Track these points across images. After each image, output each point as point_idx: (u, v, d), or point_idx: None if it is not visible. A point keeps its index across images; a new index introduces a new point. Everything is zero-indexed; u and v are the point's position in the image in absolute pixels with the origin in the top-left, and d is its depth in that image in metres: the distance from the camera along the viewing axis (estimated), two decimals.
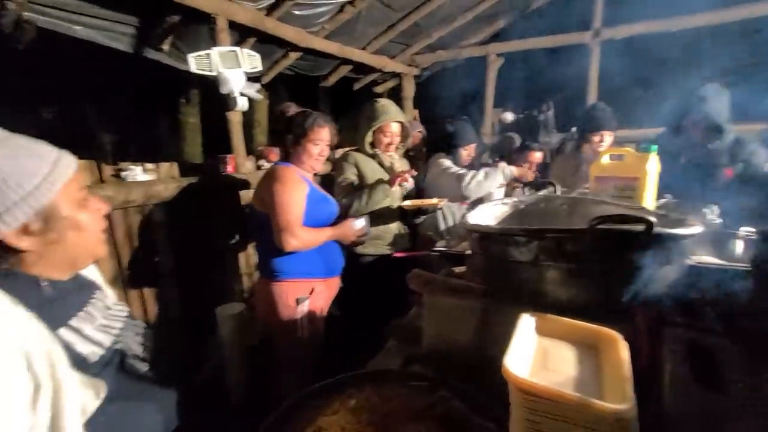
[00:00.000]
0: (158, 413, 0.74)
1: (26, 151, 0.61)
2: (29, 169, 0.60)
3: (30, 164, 0.60)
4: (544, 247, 0.70)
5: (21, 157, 0.60)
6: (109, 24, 2.05)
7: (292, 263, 1.61)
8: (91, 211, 0.71)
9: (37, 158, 0.62)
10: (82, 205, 0.69)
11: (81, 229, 0.68)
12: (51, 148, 0.66)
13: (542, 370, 0.58)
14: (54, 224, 0.64)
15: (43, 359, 0.56)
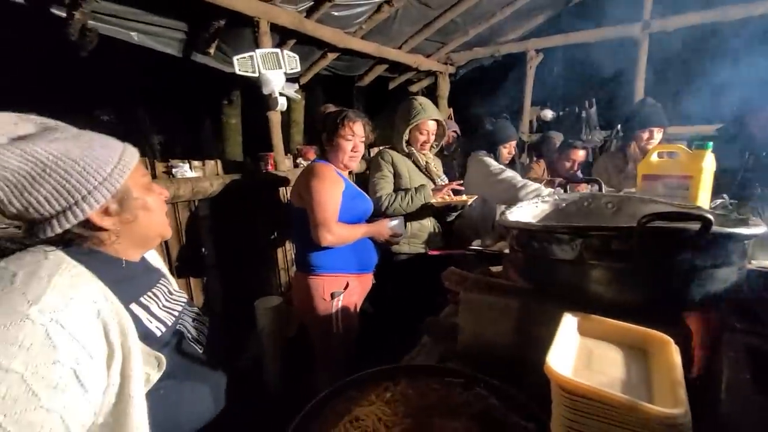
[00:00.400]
0: (210, 393, 0.79)
1: (98, 142, 0.68)
2: (104, 157, 0.66)
3: (104, 153, 0.67)
4: (590, 245, 0.68)
5: (96, 147, 0.66)
6: (162, 30, 2.18)
7: (328, 258, 1.65)
8: (156, 194, 0.78)
9: (108, 148, 0.68)
10: (148, 189, 0.76)
11: (149, 210, 0.74)
12: (116, 140, 0.73)
13: (586, 371, 0.56)
14: (128, 205, 0.71)
15: (117, 329, 0.63)
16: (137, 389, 0.63)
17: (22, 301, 0.54)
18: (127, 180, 0.70)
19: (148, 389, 0.66)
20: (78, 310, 0.59)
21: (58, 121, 0.68)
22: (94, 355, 0.59)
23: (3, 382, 0.49)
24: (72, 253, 0.66)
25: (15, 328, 0.52)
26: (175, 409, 0.71)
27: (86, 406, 0.58)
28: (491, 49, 3.97)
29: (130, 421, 0.62)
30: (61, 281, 0.59)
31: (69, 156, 0.63)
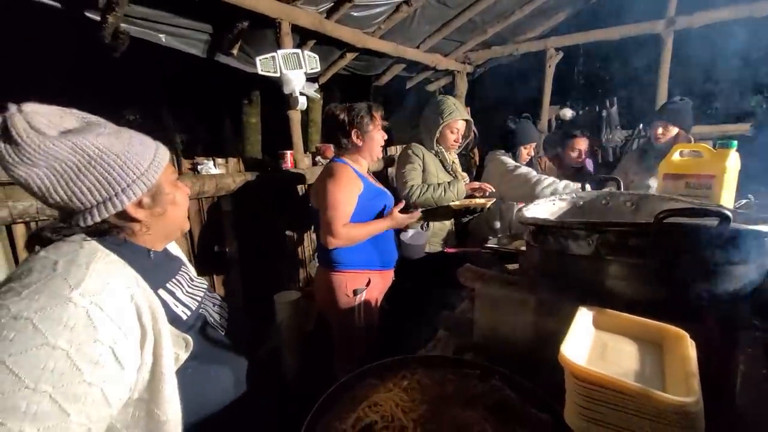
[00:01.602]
0: (232, 376, 0.83)
1: (137, 140, 0.72)
2: (142, 154, 0.71)
3: (141, 150, 0.71)
4: (606, 241, 0.69)
5: (135, 144, 0.71)
6: (188, 32, 2.26)
7: (350, 255, 1.68)
8: (182, 191, 0.82)
9: (144, 146, 0.73)
10: (176, 186, 0.80)
11: (177, 204, 0.79)
12: (150, 139, 0.77)
13: (600, 361, 0.57)
14: (159, 199, 0.75)
15: (148, 312, 0.67)
16: (168, 367, 0.68)
17: (65, 285, 0.59)
18: (160, 176, 0.74)
19: (177, 368, 0.70)
20: (114, 294, 0.63)
21: (99, 117, 0.73)
22: (129, 336, 0.63)
23: (51, 357, 0.54)
24: (104, 242, 0.70)
25: (60, 310, 0.56)
26: (202, 387, 0.76)
27: (123, 381, 0.63)
28: (510, 47, 3.94)
29: (162, 396, 0.66)
30: (98, 268, 0.64)
31: (112, 150, 0.67)
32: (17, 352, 0.52)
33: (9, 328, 0.53)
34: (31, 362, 0.53)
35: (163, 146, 0.78)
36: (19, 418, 0.51)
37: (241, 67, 2.60)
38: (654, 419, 0.47)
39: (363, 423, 0.65)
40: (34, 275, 0.59)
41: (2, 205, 1.19)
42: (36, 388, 0.53)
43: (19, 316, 0.54)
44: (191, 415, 0.72)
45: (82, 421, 0.56)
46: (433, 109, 2.14)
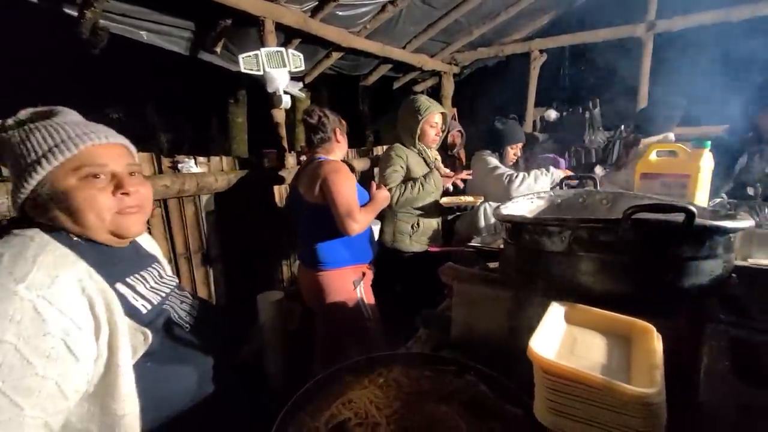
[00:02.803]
0: (195, 374, 0.80)
1: (55, 128, 0.70)
2: (40, 142, 0.68)
3: (44, 138, 0.69)
4: (578, 238, 0.70)
5: (36, 136, 0.69)
6: (169, 29, 2.22)
7: (344, 251, 1.72)
8: (94, 190, 0.72)
9: (46, 137, 0.69)
10: (80, 186, 0.71)
11: (71, 209, 0.70)
12: (74, 129, 0.71)
13: (569, 355, 0.58)
14: (47, 200, 0.70)
15: (102, 305, 0.66)
16: (125, 360, 0.66)
17: (9, 279, 0.58)
18: (50, 174, 0.68)
19: (136, 361, 0.69)
20: (63, 286, 0.62)
21: (65, 108, 0.73)
22: (83, 327, 0.62)
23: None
24: (58, 237, 0.69)
25: (5, 304, 0.56)
26: (162, 382, 0.74)
27: (79, 373, 0.62)
28: (495, 49, 3.98)
29: (118, 389, 0.65)
30: (46, 260, 0.63)
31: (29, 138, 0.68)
32: None
33: None
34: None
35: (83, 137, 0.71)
36: None
37: (224, 65, 2.57)
38: (619, 411, 0.48)
39: (336, 420, 0.65)
40: None
41: None
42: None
43: None
44: (150, 410, 0.70)
45: (36, 414, 0.56)
46: (408, 109, 2.17)
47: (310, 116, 1.73)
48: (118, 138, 0.78)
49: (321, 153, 1.76)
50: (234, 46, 2.50)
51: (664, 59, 3.54)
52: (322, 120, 1.72)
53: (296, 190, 1.77)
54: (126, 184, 0.75)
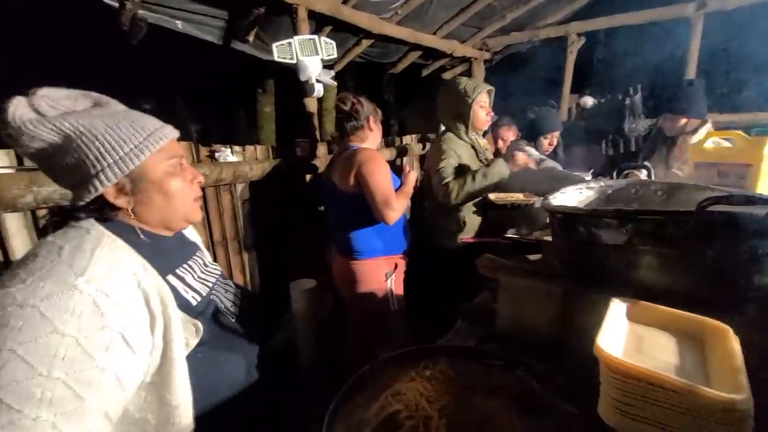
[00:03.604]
0: (243, 362, 0.82)
1: (129, 121, 0.70)
2: (125, 137, 0.68)
3: (127, 133, 0.69)
4: (641, 231, 0.66)
5: (123, 126, 0.69)
6: (204, 18, 2.24)
7: (378, 242, 1.72)
8: (181, 179, 0.77)
9: (135, 128, 0.70)
10: (173, 173, 0.75)
11: (166, 194, 0.74)
12: (153, 121, 0.74)
13: (637, 355, 0.55)
14: (142, 186, 0.72)
15: (157, 298, 0.67)
16: (178, 353, 0.68)
17: (69, 272, 0.58)
18: (145, 162, 0.70)
19: (188, 353, 0.70)
20: (120, 280, 0.63)
21: (111, 99, 0.73)
22: (138, 321, 0.63)
23: (61, 344, 0.54)
24: (111, 228, 0.70)
25: (66, 298, 0.56)
26: (212, 373, 0.75)
27: (136, 365, 0.63)
28: (529, 33, 3.83)
29: (172, 380, 0.66)
30: (103, 254, 0.63)
31: (92, 131, 0.66)
32: (27, 341, 0.53)
33: (17, 316, 0.53)
34: (42, 350, 0.53)
35: (163, 130, 0.74)
36: (35, 405, 0.51)
37: (256, 54, 2.58)
38: (698, 416, 0.45)
39: (386, 412, 0.64)
40: (39, 261, 0.59)
41: (27, 191, 1.21)
42: (49, 375, 0.53)
43: (25, 304, 0.54)
44: (202, 400, 0.72)
45: (97, 405, 0.57)
46: (453, 93, 2.02)
47: (343, 103, 1.71)
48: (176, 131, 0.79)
49: (354, 141, 1.74)
50: (266, 34, 2.50)
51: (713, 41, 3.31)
52: (355, 107, 1.70)
53: (329, 180, 1.76)
54: (196, 174, 0.79)
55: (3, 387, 0.50)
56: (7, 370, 0.51)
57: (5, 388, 0.50)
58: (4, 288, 0.56)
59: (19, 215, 1.29)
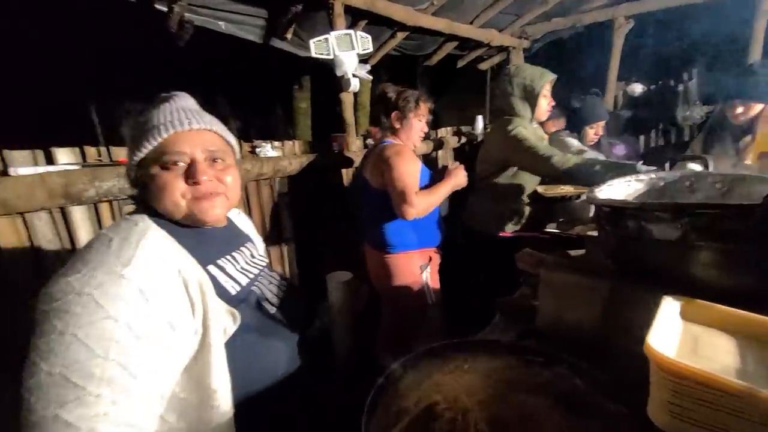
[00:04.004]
0: (284, 350, 0.84)
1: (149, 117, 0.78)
2: (135, 134, 0.77)
3: (138, 128, 0.77)
4: (698, 225, 0.62)
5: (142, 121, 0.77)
6: (245, 18, 2.32)
7: (411, 235, 1.71)
8: (170, 177, 0.76)
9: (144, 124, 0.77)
10: (160, 173, 0.76)
11: (154, 187, 0.76)
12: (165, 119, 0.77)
13: (691, 355, 0.52)
14: (145, 182, 0.77)
15: (196, 286, 0.71)
16: (216, 339, 0.71)
17: (117, 263, 0.63)
18: (149, 152, 0.75)
19: (226, 340, 0.73)
20: (162, 269, 0.67)
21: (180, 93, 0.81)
22: (180, 307, 0.68)
23: (114, 329, 0.59)
24: (158, 222, 0.75)
25: (115, 286, 0.61)
26: (250, 360, 0.78)
27: (180, 347, 0.67)
28: (573, 18, 3.63)
29: (211, 365, 0.70)
30: (147, 245, 0.68)
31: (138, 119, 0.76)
32: (85, 325, 0.58)
33: (75, 303, 0.59)
34: (98, 334, 0.58)
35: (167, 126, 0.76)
36: (96, 383, 0.57)
37: (293, 51, 2.64)
38: (759, 421, 0.42)
39: (425, 402, 0.65)
40: (93, 253, 0.65)
41: (91, 185, 1.31)
42: (106, 356, 0.58)
43: (82, 292, 0.59)
44: (240, 386, 0.74)
45: (148, 384, 0.62)
46: (516, 82, 1.92)
47: (383, 95, 1.70)
48: (204, 124, 0.79)
49: (389, 136, 1.74)
50: (303, 31, 2.55)
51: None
52: (387, 98, 1.69)
53: (362, 175, 1.77)
54: (197, 173, 0.76)
55: (69, 366, 0.56)
56: (71, 351, 0.56)
57: (71, 368, 0.56)
58: (65, 278, 0.61)
59: (84, 208, 1.40)
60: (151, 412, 0.64)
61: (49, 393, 0.55)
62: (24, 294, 1.23)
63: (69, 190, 1.28)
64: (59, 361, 0.56)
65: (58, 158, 1.41)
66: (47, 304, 0.60)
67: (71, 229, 1.38)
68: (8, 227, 1.23)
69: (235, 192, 0.85)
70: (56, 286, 0.61)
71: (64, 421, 0.54)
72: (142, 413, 0.62)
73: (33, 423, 0.55)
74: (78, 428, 0.54)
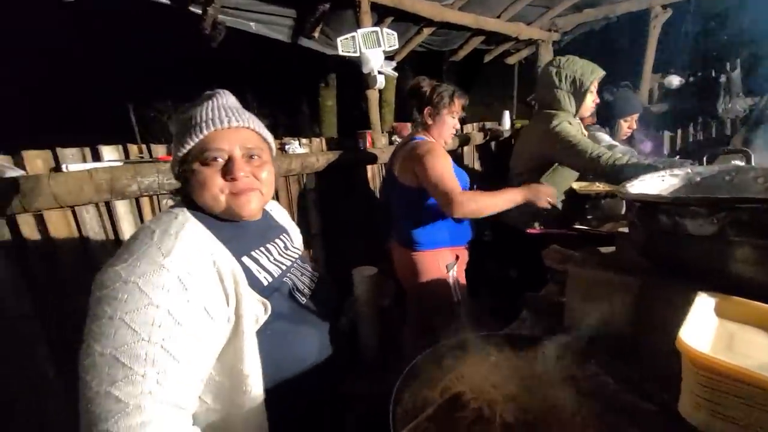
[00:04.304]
0: (315, 339, 0.88)
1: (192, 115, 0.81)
2: (180, 131, 0.81)
3: (183, 125, 0.81)
4: (737, 220, 0.60)
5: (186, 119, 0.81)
6: (274, 18, 2.38)
7: (440, 232, 1.69)
8: (209, 173, 0.79)
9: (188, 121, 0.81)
10: (200, 168, 0.79)
11: (195, 183, 0.80)
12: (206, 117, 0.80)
13: (726, 352, 0.51)
14: (187, 177, 0.81)
15: (230, 277, 0.74)
16: (248, 327, 0.75)
17: (158, 253, 0.68)
18: (191, 148, 0.79)
19: (258, 328, 0.77)
20: (199, 260, 0.72)
21: (222, 90, 0.86)
22: (215, 295, 0.72)
23: (157, 315, 0.64)
24: (196, 215, 0.79)
25: (157, 275, 0.65)
26: (279, 349, 0.80)
27: (216, 333, 0.72)
28: (606, 9, 3.50)
29: (243, 352, 0.74)
30: (186, 237, 0.72)
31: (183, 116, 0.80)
32: (131, 311, 0.63)
33: (122, 290, 0.64)
34: (143, 319, 0.63)
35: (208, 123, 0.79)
36: (142, 364, 0.61)
37: (321, 49, 2.68)
38: None
39: (451, 392, 0.66)
40: (137, 244, 0.70)
41: (133, 181, 1.39)
42: (150, 340, 0.62)
43: (128, 280, 0.64)
44: (271, 372, 0.77)
45: (188, 365, 0.66)
46: (567, 74, 1.86)
47: (416, 89, 1.65)
48: (242, 122, 0.83)
49: (420, 132, 1.71)
50: (330, 29, 2.58)
51: None
52: (422, 92, 1.65)
53: (391, 171, 1.75)
54: (234, 169, 0.79)
55: (118, 348, 0.61)
56: (119, 335, 0.62)
57: (119, 349, 0.61)
58: (113, 267, 0.66)
59: (126, 202, 1.49)
60: (191, 393, 0.69)
61: (102, 372, 0.60)
62: (74, 281, 1.33)
63: (114, 185, 1.36)
64: (110, 343, 0.61)
65: (103, 155, 1.50)
66: (99, 291, 0.65)
67: (115, 221, 1.47)
68: (60, 220, 1.32)
69: (270, 187, 0.89)
70: (106, 274, 0.66)
71: (115, 397, 0.59)
72: (183, 394, 0.66)
73: (88, 398, 0.60)
74: (126, 404, 0.59)
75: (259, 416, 0.76)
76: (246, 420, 0.75)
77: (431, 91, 1.63)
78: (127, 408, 0.59)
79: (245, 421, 0.75)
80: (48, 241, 1.29)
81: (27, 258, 1.27)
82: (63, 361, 1.31)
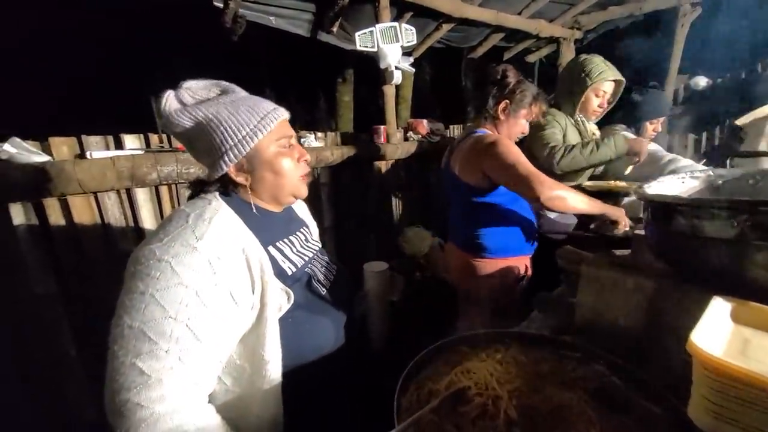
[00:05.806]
0: (331, 328, 0.89)
1: (246, 106, 0.79)
2: (244, 121, 0.77)
3: (244, 117, 0.77)
4: (757, 223, 0.59)
5: (241, 111, 0.78)
6: (294, 12, 2.39)
7: (507, 239, 1.52)
8: (290, 158, 0.84)
9: (251, 112, 0.78)
10: (283, 153, 0.83)
11: (276, 172, 0.83)
12: (266, 105, 0.82)
13: (740, 357, 0.50)
14: (256, 164, 0.81)
15: (257, 264, 0.76)
16: (271, 314, 0.76)
17: (192, 236, 0.70)
18: (259, 143, 0.79)
19: (280, 316, 0.79)
20: (229, 246, 0.73)
21: (234, 86, 0.83)
22: (242, 281, 0.74)
23: (185, 294, 0.66)
24: (229, 201, 0.80)
25: (189, 257, 0.68)
26: (299, 337, 0.83)
27: (240, 318, 0.74)
28: (631, 6, 3.40)
29: (265, 338, 0.76)
30: (219, 222, 0.74)
31: (218, 117, 0.76)
32: (162, 288, 0.65)
33: (155, 268, 0.66)
34: (172, 297, 0.65)
35: (275, 112, 0.81)
36: (167, 340, 0.64)
37: (339, 44, 2.69)
38: None
39: (456, 386, 0.66)
40: (172, 226, 0.72)
41: (153, 169, 1.43)
42: (176, 318, 0.65)
43: (162, 258, 0.66)
44: (290, 358, 0.80)
45: (210, 346, 0.69)
46: (575, 70, 1.88)
47: (501, 77, 1.46)
48: (287, 114, 0.87)
49: (485, 125, 1.52)
50: (349, 24, 2.59)
51: None
52: (506, 82, 1.46)
53: (449, 170, 1.56)
54: (303, 153, 0.85)
55: (146, 323, 0.64)
56: (149, 310, 0.64)
57: (147, 324, 0.64)
58: (148, 245, 0.69)
59: (146, 190, 1.54)
60: (210, 372, 0.71)
61: (129, 343, 0.63)
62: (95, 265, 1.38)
63: (135, 172, 1.40)
64: (139, 317, 0.64)
65: (126, 144, 1.55)
66: (134, 266, 0.68)
67: (135, 209, 1.52)
68: (84, 205, 1.37)
69: None
70: (142, 251, 0.69)
71: (139, 368, 0.62)
72: (202, 372, 0.69)
73: (114, 367, 0.63)
74: (149, 376, 0.62)
75: (275, 399, 0.78)
76: (262, 402, 0.78)
77: (516, 84, 1.45)
78: (149, 380, 0.62)
79: (261, 402, 0.78)
80: (72, 225, 1.35)
81: (52, 240, 1.32)
82: (84, 341, 1.37)
